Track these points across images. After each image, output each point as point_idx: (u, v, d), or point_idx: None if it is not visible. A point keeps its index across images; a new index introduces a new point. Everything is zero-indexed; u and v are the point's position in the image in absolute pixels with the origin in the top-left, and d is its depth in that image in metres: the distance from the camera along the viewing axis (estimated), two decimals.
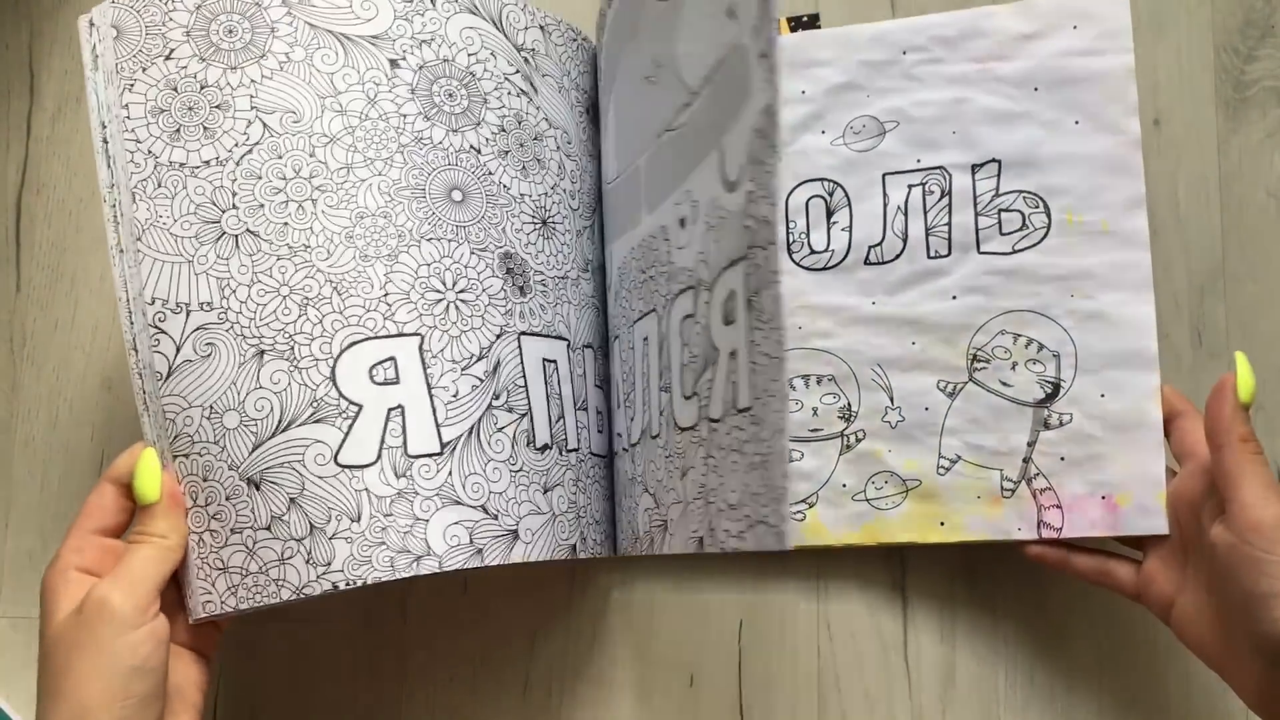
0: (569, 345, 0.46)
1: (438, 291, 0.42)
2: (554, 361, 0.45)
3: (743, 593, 0.52)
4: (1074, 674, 0.51)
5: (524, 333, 0.44)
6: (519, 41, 0.47)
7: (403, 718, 0.53)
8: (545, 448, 0.44)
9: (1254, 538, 0.38)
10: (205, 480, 0.41)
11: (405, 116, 0.44)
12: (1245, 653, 0.40)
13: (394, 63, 0.44)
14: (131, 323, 0.42)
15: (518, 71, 0.47)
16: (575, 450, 0.46)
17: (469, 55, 0.46)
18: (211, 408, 0.41)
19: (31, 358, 0.57)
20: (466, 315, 0.43)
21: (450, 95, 0.44)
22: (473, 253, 0.44)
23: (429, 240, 0.43)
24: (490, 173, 0.45)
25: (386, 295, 0.42)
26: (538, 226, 0.46)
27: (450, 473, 0.41)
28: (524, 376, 0.44)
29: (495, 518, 0.42)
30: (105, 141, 0.43)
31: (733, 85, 0.35)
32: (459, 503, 0.41)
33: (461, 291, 0.43)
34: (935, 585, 0.52)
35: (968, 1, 0.55)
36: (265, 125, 0.42)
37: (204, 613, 0.41)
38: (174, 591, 0.41)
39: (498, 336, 0.43)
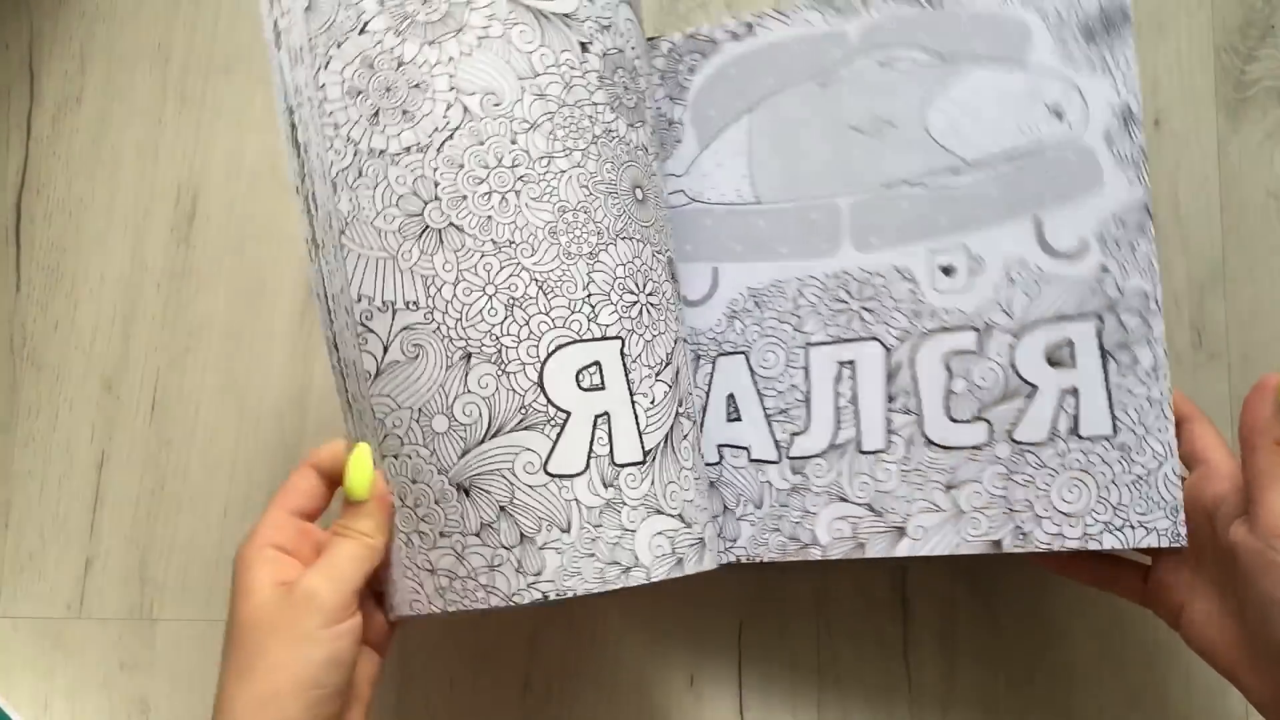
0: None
1: (632, 293, 0.41)
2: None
3: (743, 593, 0.52)
4: (1074, 674, 0.51)
5: (683, 338, 0.44)
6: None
7: (403, 717, 0.53)
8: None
9: (1277, 542, 0.38)
10: (414, 482, 0.40)
11: (596, 105, 0.41)
12: (1262, 659, 0.39)
13: (584, 46, 0.42)
14: (332, 319, 0.41)
15: (655, 72, 0.46)
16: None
17: (632, 48, 0.44)
18: (420, 410, 0.40)
19: (31, 358, 0.57)
20: (656, 319, 0.42)
21: (626, 88, 0.43)
22: (654, 254, 0.43)
23: (624, 239, 0.41)
24: (655, 174, 0.44)
25: (590, 296, 0.40)
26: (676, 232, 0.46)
27: (653, 481, 0.41)
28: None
29: (690, 526, 0.41)
30: (294, 127, 0.41)
31: (1062, 171, 0.43)
32: (661, 512, 0.40)
33: (650, 294, 0.42)
34: (935, 586, 0.52)
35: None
36: (466, 108, 0.40)
37: (410, 611, 0.41)
38: (365, 587, 0.41)
39: (675, 342, 0.43)
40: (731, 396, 0.47)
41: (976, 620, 0.51)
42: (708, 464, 0.46)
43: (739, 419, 0.46)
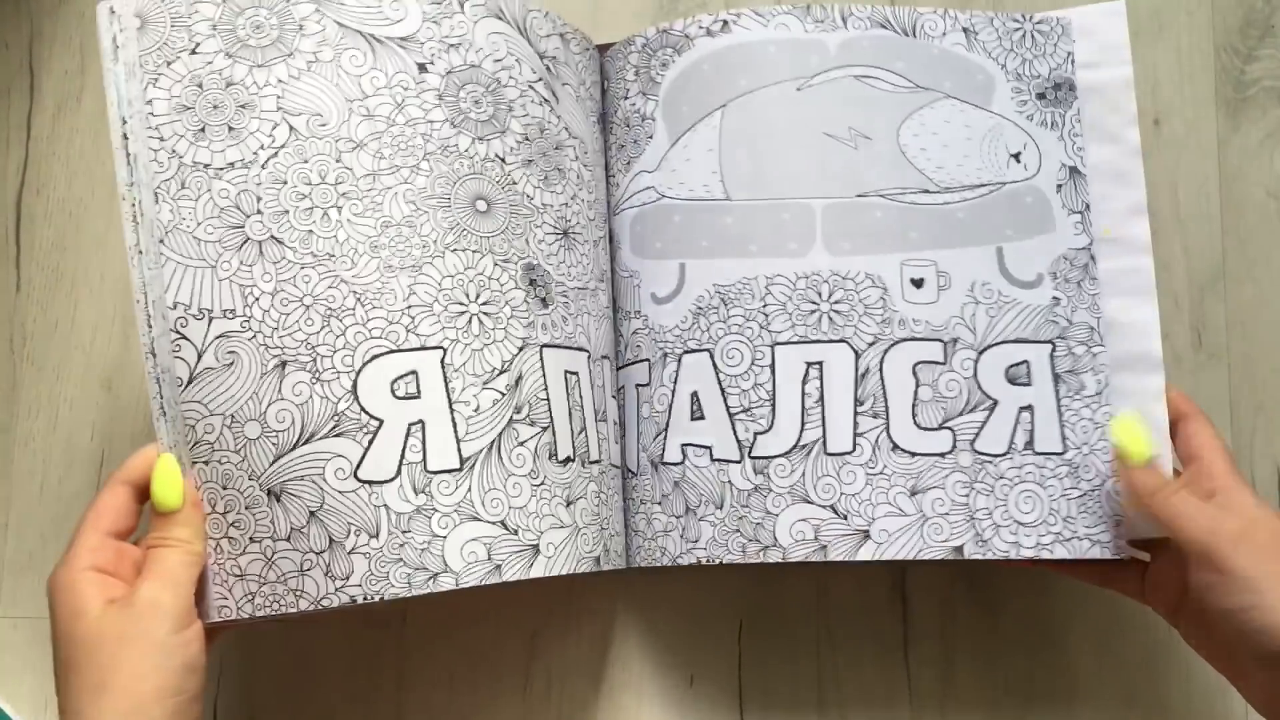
0: (589, 356, 0.46)
1: (460, 304, 0.42)
2: (575, 373, 0.45)
3: (743, 593, 0.52)
4: (1074, 674, 0.51)
5: (546, 345, 0.44)
6: (541, 49, 0.47)
7: (403, 717, 0.53)
8: (568, 460, 0.44)
9: (1205, 565, 0.39)
10: (224, 488, 0.41)
11: (432, 123, 0.43)
12: (1247, 663, 0.40)
13: (422, 67, 0.43)
14: (150, 326, 0.42)
15: (540, 79, 0.46)
16: (597, 462, 0.45)
17: (495, 61, 0.45)
18: (233, 417, 0.41)
19: (31, 358, 0.57)
20: (489, 328, 0.43)
21: (476, 102, 0.44)
22: (496, 264, 0.43)
23: (453, 251, 0.42)
24: (514, 182, 0.45)
25: (410, 308, 0.41)
26: (559, 237, 0.46)
27: (469, 489, 0.41)
28: (546, 389, 0.44)
29: (515, 533, 0.42)
30: (125, 138, 0.42)
31: (1021, 211, 0.46)
32: (477, 519, 0.41)
33: (485, 304, 0.43)
34: (935, 585, 0.52)
35: (968, 2, 0.55)
36: (292, 128, 0.42)
37: (219, 617, 0.41)
38: None
39: (520, 349, 0.43)
40: (695, 394, 0.46)
41: (976, 620, 0.51)
42: (670, 463, 0.46)
43: (702, 418, 0.46)
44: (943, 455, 0.44)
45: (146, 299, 0.42)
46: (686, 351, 0.46)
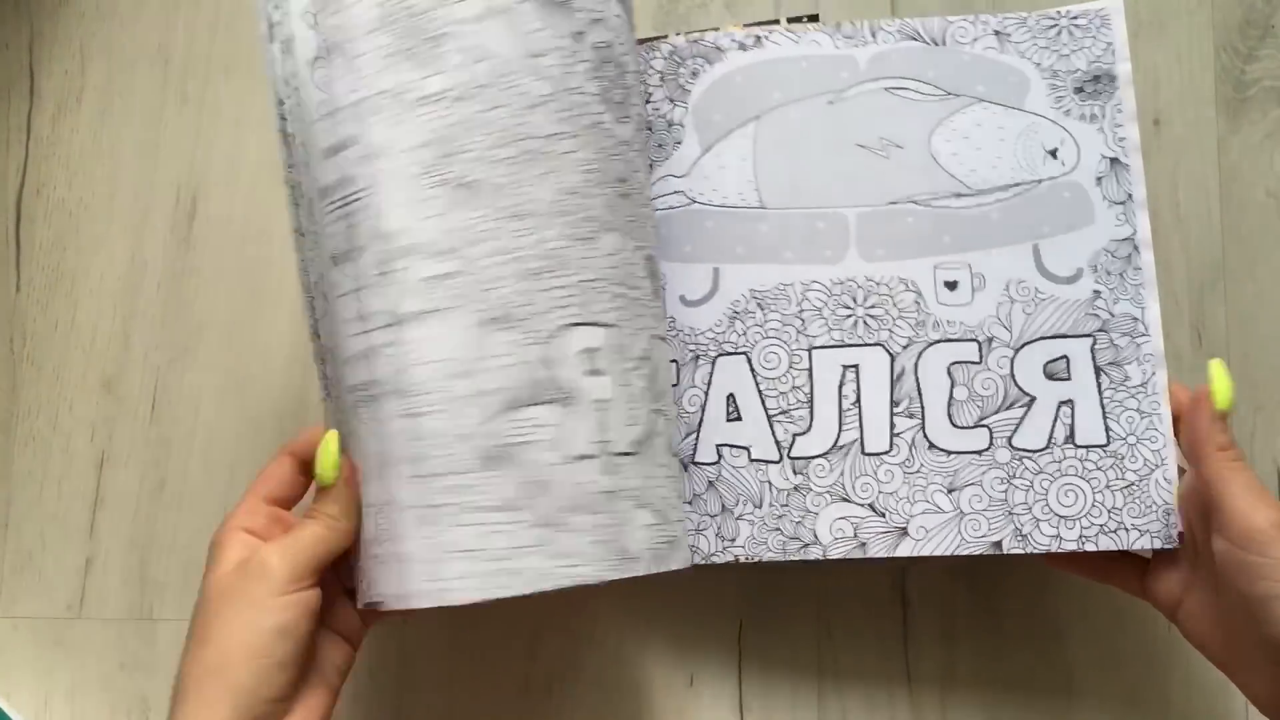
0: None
1: (619, 285, 0.42)
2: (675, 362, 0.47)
3: (743, 593, 0.52)
4: (1074, 673, 0.51)
5: (662, 338, 0.45)
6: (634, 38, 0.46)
7: (403, 717, 0.53)
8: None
9: (1247, 544, 0.38)
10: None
11: (587, 95, 0.41)
12: (1253, 655, 0.40)
13: (578, 35, 0.41)
14: (313, 308, 0.41)
15: (641, 71, 0.46)
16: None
17: (621, 44, 0.44)
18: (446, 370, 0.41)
19: (31, 358, 0.57)
20: (635, 314, 0.43)
21: (613, 82, 0.43)
22: (635, 249, 0.43)
23: (609, 230, 0.42)
24: (639, 170, 0.44)
25: (584, 280, 0.40)
26: (657, 232, 0.46)
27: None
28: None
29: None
30: (284, 119, 0.41)
31: (1058, 206, 0.46)
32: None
33: (632, 288, 0.42)
34: (935, 585, 0.52)
35: (967, 4, 0.55)
36: (481, 69, 0.39)
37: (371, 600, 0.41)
38: (334, 578, 0.42)
39: (650, 340, 0.44)
40: (731, 396, 0.47)
41: (976, 620, 0.51)
42: (704, 463, 0.46)
43: (739, 419, 0.46)
44: (979, 453, 0.45)
45: (310, 280, 0.41)
46: (722, 354, 0.47)
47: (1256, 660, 0.40)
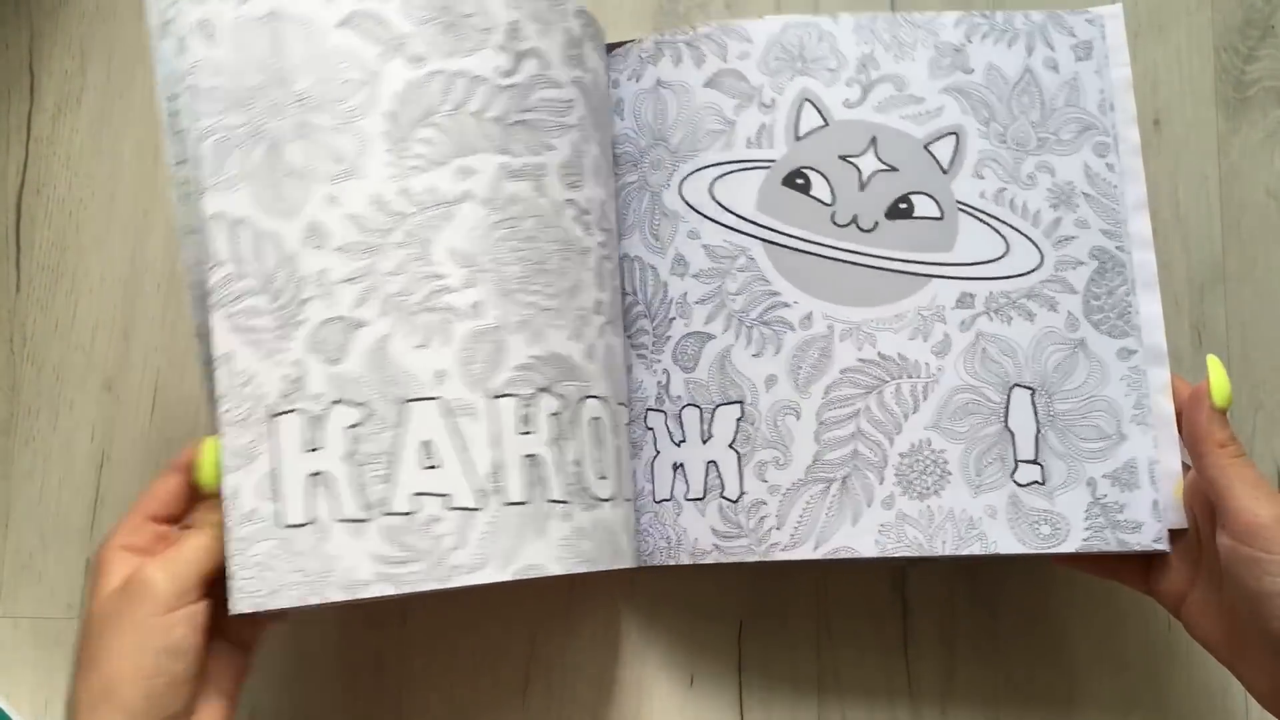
0: None
1: None
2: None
3: (743, 593, 0.52)
4: (1074, 674, 0.51)
5: None
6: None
7: (403, 718, 0.53)
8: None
9: (1250, 539, 0.38)
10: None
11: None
12: (1256, 650, 0.40)
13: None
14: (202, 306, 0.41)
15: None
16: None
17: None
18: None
19: (31, 358, 0.57)
20: None
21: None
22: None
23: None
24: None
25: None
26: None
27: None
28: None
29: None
30: (175, 114, 0.41)
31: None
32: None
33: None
34: (935, 585, 0.52)
35: (967, 3, 0.55)
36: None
37: (246, 609, 0.40)
38: (223, 585, 0.41)
39: None
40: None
41: (976, 620, 0.51)
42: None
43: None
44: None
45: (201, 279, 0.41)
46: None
47: (1260, 655, 0.40)
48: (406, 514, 0.40)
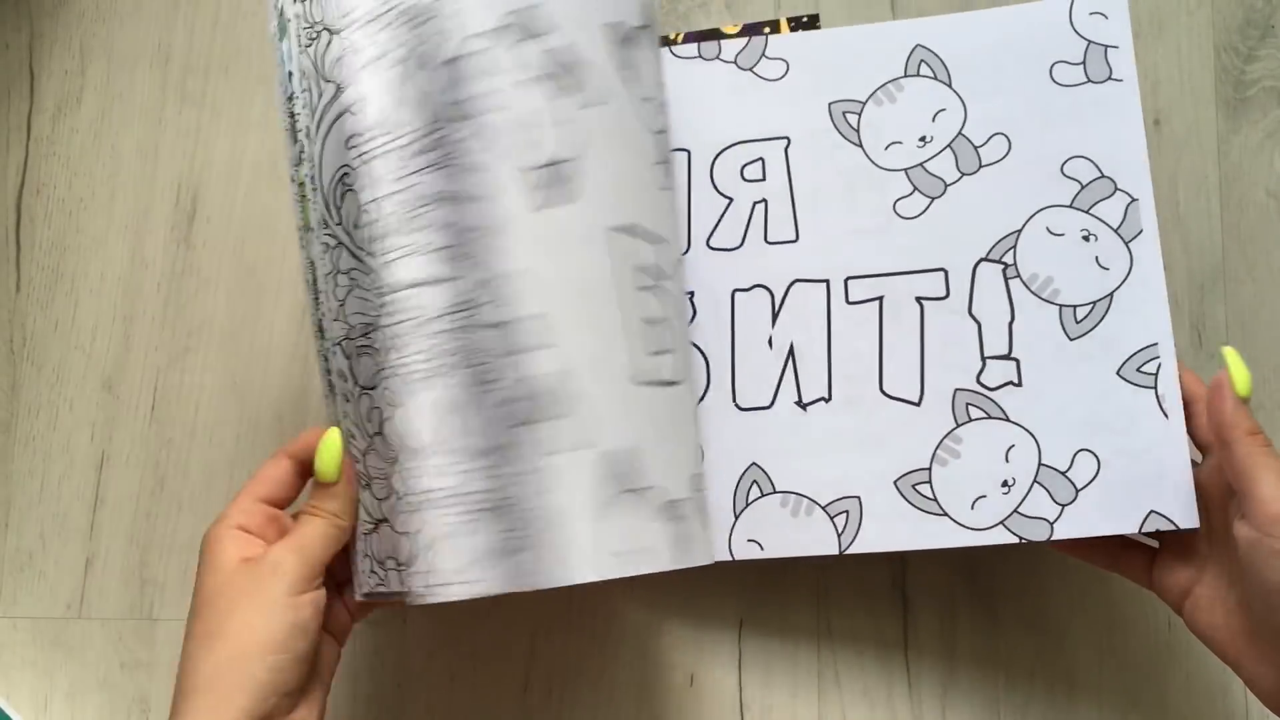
0: None
1: None
2: None
3: (743, 593, 0.52)
4: (1074, 674, 0.51)
5: None
6: None
7: (403, 717, 0.53)
8: None
9: (1274, 529, 0.38)
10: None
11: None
12: (1266, 646, 0.39)
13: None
14: (318, 304, 0.42)
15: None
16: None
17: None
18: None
19: (31, 358, 0.57)
20: None
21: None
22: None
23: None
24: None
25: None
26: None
27: None
28: None
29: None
30: (293, 115, 0.41)
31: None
32: None
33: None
34: (935, 585, 0.52)
35: (968, 3, 0.55)
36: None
37: (367, 589, 0.42)
38: (327, 576, 0.42)
39: None
40: None
41: (976, 619, 0.51)
42: None
43: None
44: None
45: (317, 275, 0.41)
46: None
47: (1269, 652, 0.39)
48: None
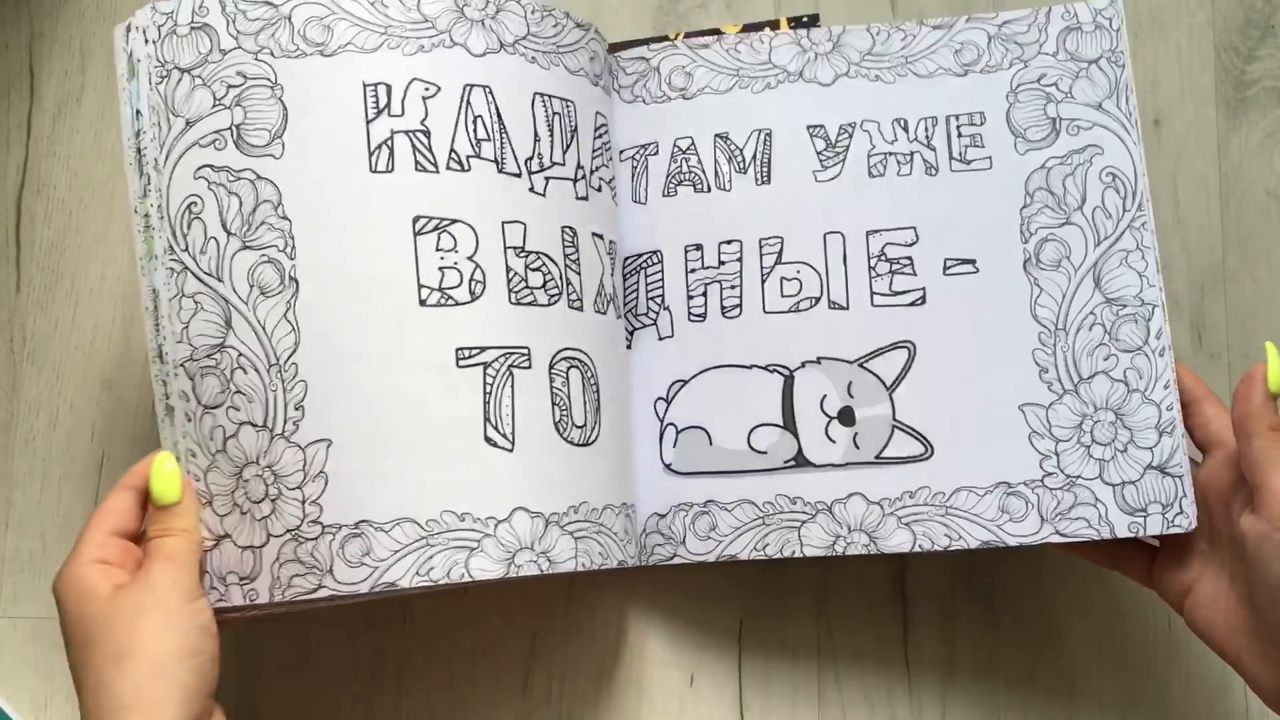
0: None
1: None
2: None
3: (743, 593, 0.52)
4: (1074, 674, 0.51)
5: None
6: None
7: (403, 717, 0.53)
8: None
9: None
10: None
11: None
12: (1268, 644, 0.39)
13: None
14: (158, 329, 0.43)
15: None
16: None
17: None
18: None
19: (31, 358, 0.57)
20: None
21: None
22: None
23: None
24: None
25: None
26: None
27: None
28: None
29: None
30: (140, 151, 0.43)
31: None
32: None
33: None
34: (935, 585, 0.52)
35: (968, 3, 0.55)
36: None
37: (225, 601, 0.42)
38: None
39: None
40: None
41: (976, 619, 0.51)
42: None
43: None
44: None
45: (159, 300, 0.42)
46: None
47: (1270, 649, 0.39)
48: None
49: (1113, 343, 0.45)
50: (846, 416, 0.46)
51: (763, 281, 0.47)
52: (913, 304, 0.46)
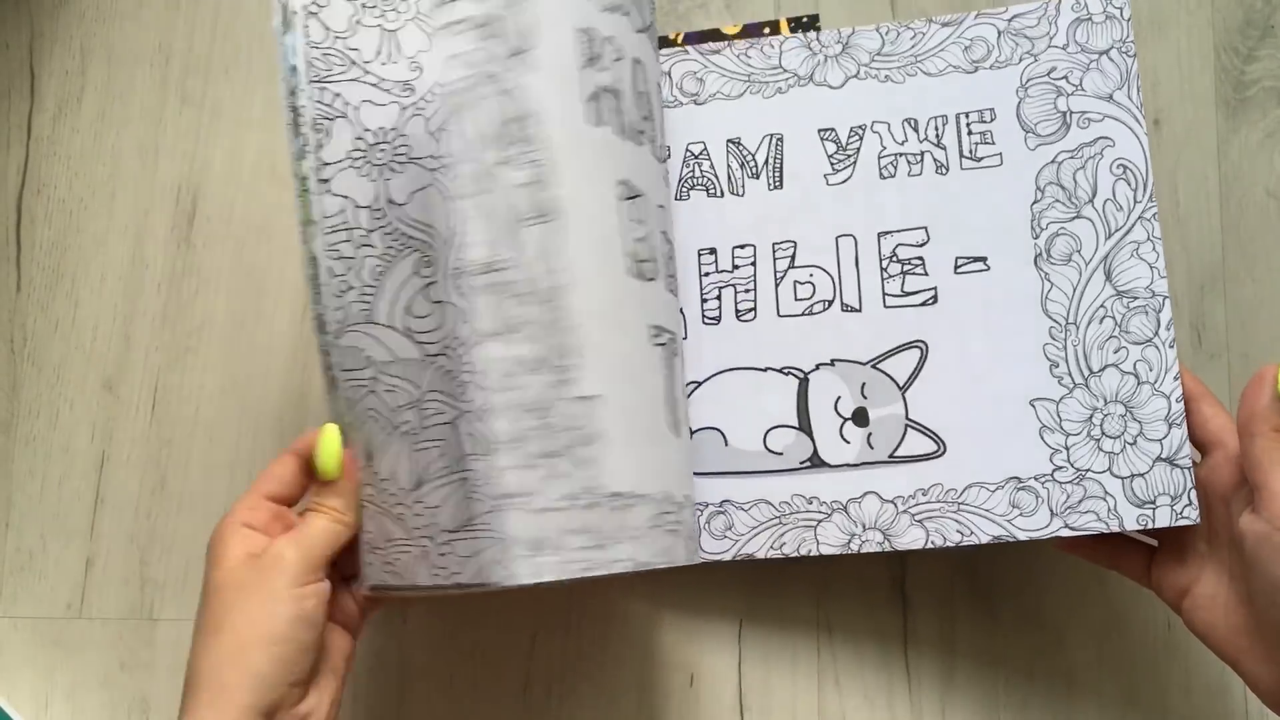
0: None
1: None
2: None
3: (743, 593, 0.52)
4: (1073, 672, 0.51)
5: None
6: None
7: (403, 717, 0.53)
8: None
9: None
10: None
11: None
12: (1267, 644, 0.39)
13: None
14: (320, 297, 0.41)
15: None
16: None
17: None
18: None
19: (31, 358, 0.57)
20: None
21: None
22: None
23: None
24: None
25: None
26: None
27: None
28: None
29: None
30: (295, 110, 0.40)
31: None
32: None
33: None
34: (935, 584, 0.52)
35: (969, 2, 0.55)
36: None
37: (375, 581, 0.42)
38: (333, 570, 0.42)
39: None
40: None
41: (976, 618, 0.51)
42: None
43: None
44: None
45: (319, 268, 0.41)
46: None
47: (1269, 649, 0.39)
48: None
49: (1123, 335, 0.44)
50: (860, 417, 0.46)
51: (776, 285, 0.47)
52: (924, 304, 0.46)
